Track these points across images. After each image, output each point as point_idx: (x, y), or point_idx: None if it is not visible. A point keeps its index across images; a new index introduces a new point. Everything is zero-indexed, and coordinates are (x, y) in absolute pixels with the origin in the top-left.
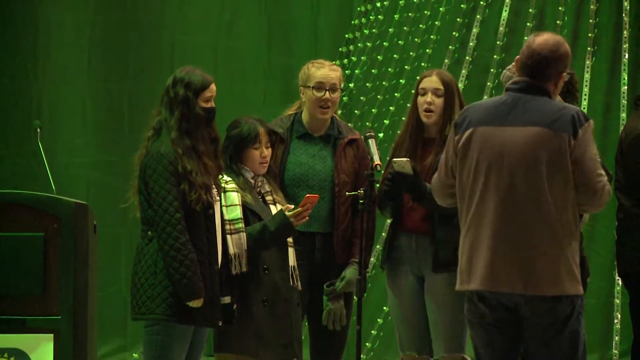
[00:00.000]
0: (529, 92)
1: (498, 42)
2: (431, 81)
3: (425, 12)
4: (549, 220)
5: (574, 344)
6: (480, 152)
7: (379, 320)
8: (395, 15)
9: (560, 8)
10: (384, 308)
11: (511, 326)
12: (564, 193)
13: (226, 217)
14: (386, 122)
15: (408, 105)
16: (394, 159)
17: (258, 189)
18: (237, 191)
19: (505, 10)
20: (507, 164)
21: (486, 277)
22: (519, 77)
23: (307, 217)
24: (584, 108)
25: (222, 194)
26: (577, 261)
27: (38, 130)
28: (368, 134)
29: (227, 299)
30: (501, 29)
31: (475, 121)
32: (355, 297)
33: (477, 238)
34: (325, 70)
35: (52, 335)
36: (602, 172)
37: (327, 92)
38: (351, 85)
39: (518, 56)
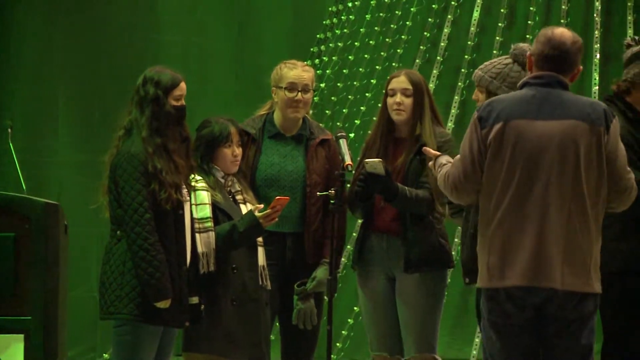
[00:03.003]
0: (555, 86)
1: (469, 42)
2: (400, 81)
3: (397, 12)
4: (586, 216)
5: (590, 342)
6: (515, 146)
7: (349, 320)
8: (367, 16)
9: (531, 8)
10: (355, 308)
11: (535, 326)
12: (597, 188)
13: (195, 215)
14: (357, 122)
15: (379, 105)
16: (366, 160)
17: (228, 188)
18: (207, 190)
19: (477, 10)
20: (546, 158)
21: (526, 273)
22: (538, 71)
23: (277, 219)
24: None
25: (192, 192)
26: (599, 260)
27: (9, 130)
28: (339, 134)
29: (195, 299)
30: (472, 29)
31: (506, 115)
32: (326, 297)
33: (513, 233)
34: (297, 71)
35: (22, 335)
36: (630, 169)
37: (300, 93)
38: (322, 85)
39: (529, 51)
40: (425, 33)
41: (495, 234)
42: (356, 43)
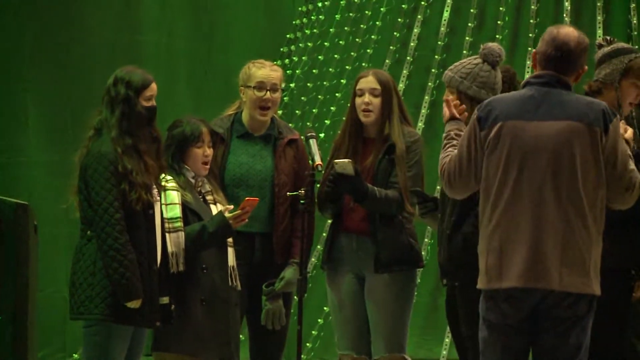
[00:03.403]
0: (555, 86)
1: (439, 42)
2: (368, 81)
3: (366, 12)
4: (584, 217)
5: (580, 342)
6: (511, 147)
7: (319, 320)
8: (336, 15)
9: (501, 8)
10: (325, 308)
11: (529, 327)
12: (595, 189)
13: (165, 215)
14: (327, 122)
15: (349, 105)
16: (336, 160)
17: (199, 189)
18: (177, 190)
19: (447, 11)
20: (541, 158)
21: (524, 274)
22: (541, 70)
23: (247, 220)
24: None
25: (163, 192)
26: (599, 261)
27: None
28: (309, 134)
29: (165, 300)
30: (442, 29)
31: (504, 115)
32: (295, 297)
33: (510, 234)
34: (266, 70)
35: None
36: (633, 167)
37: (268, 92)
38: (292, 85)
39: (534, 50)
40: (395, 33)
41: (493, 234)
42: (326, 43)
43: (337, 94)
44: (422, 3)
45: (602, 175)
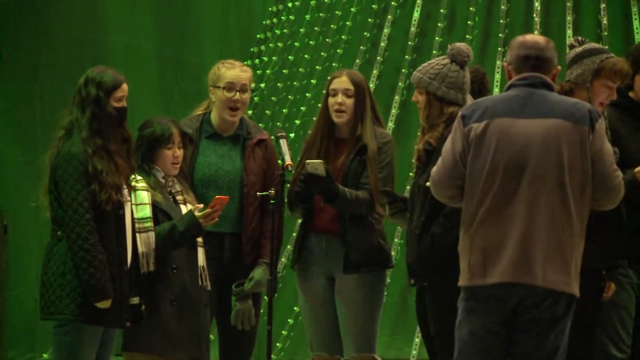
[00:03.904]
0: (539, 87)
1: (409, 43)
2: (341, 82)
3: (337, 12)
4: (570, 214)
5: (558, 343)
6: (498, 144)
7: (289, 320)
8: (307, 16)
9: (471, 8)
10: (295, 308)
11: (509, 328)
12: (581, 188)
13: (136, 215)
14: (297, 122)
15: (319, 105)
16: (307, 161)
17: (169, 189)
18: (148, 190)
19: (417, 11)
20: (528, 156)
21: (507, 270)
22: (519, 73)
23: (217, 218)
24: None
25: (133, 192)
26: (580, 262)
27: None
28: (279, 134)
29: (135, 300)
30: (412, 29)
31: (490, 113)
32: (265, 298)
33: (496, 231)
34: (235, 71)
35: None
36: (617, 168)
37: (238, 93)
38: (262, 85)
39: (505, 62)
40: (365, 33)
41: (478, 232)
42: (296, 43)
43: (307, 94)
44: (393, 3)
45: (588, 174)
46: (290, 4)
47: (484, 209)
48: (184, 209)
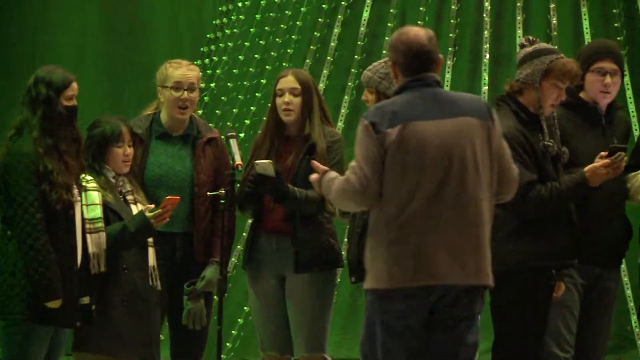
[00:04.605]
0: (434, 86)
1: (359, 43)
2: (288, 81)
3: (287, 12)
4: (486, 211)
5: (476, 340)
6: (416, 148)
7: (239, 320)
8: (257, 15)
9: (421, 8)
10: (245, 308)
11: (428, 328)
12: (490, 183)
13: (86, 216)
14: (247, 122)
15: (269, 105)
16: (256, 161)
17: (119, 188)
18: (98, 190)
19: (367, 11)
20: (446, 156)
21: (422, 271)
22: (405, 77)
23: (168, 219)
24: None
25: (83, 193)
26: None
27: None
28: (229, 133)
29: (85, 300)
30: (362, 29)
31: (402, 117)
32: (216, 297)
33: (419, 233)
34: (183, 70)
35: None
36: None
37: (186, 92)
38: (212, 85)
39: (391, 61)
40: (315, 33)
41: (398, 236)
42: (246, 43)
43: (257, 94)
44: (343, 3)
45: (495, 168)
46: (240, 4)
47: (407, 213)
48: (135, 209)
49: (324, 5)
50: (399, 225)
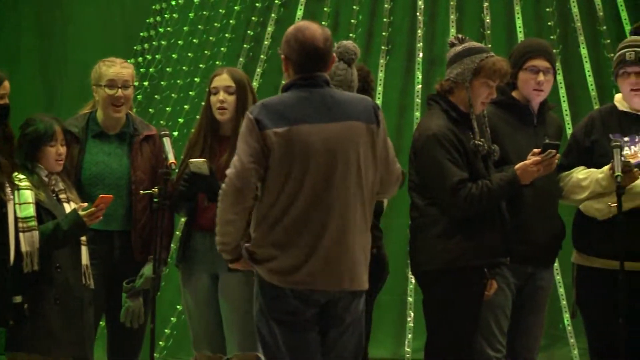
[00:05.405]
0: (323, 86)
1: None
2: (222, 79)
3: (220, 10)
4: (366, 214)
5: (362, 338)
6: (301, 151)
7: (172, 319)
8: (190, 14)
9: (354, 7)
10: (178, 307)
11: (319, 323)
12: (373, 186)
13: (19, 214)
14: (181, 120)
15: (202, 103)
16: (190, 160)
17: (52, 187)
18: (31, 189)
19: (300, 9)
20: (333, 161)
21: (315, 275)
22: (295, 74)
23: (101, 217)
24: None
25: (16, 191)
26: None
27: None
28: (162, 132)
29: (18, 298)
30: None
31: (288, 118)
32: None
33: (302, 235)
34: (116, 68)
35: None
36: (396, 160)
37: (120, 90)
38: (145, 83)
39: (283, 54)
40: (249, 31)
41: (284, 235)
42: (180, 41)
43: (190, 92)
44: (276, 2)
45: (377, 171)
46: (173, 2)
47: (292, 213)
48: (68, 208)
49: (257, 4)
50: (282, 226)
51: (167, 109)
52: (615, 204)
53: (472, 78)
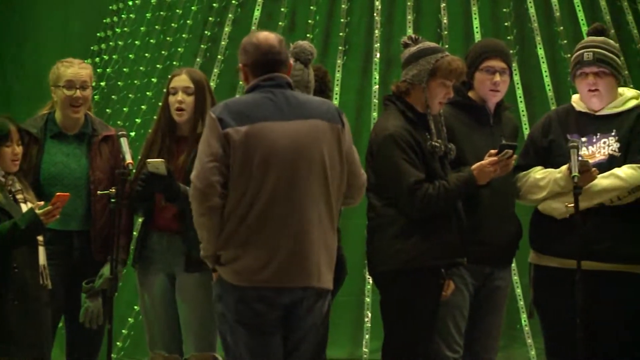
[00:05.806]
0: (285, 87)
1: None
2: (181, 80)
3: (177, 10)
4: (332, 214)
5: (326, 337)
6: (264, 149)
7: (129, 319)
8: (147, 14)
9: (311, 7)
10: (135, 307)
11: (284, 326)
12: (339, 187)
13: None
14: (138, 120)
15: (160, 104)
16: (148, 160)
17: (9, 188)
18: None
19: (257, 10)
20: (295, 158)
21: (278, 273)
22: (257, 76)
23: (58, 215)
24: None
25: None
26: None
27: None
28: (120, 132)
29: None
30: (253, 28)
31: (249, 117)
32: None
33: (267, 234)
34: (74, 69)
35: None
36: (360, 165)
37: (78, 90)
38: (102, 84)
39: (241, 63)
40: (206, 31)
41: (248, 234)
42: (137, 42)
43: (148, 93)
44: (233, 2)
45: (344, 172)
46: (130, 3)
47: (254, 212)
48: (24, 208)
49: (214, 4)
50: (246, 226)
51: (125, 109)
52: (572, 204)
53: (429, 79)
